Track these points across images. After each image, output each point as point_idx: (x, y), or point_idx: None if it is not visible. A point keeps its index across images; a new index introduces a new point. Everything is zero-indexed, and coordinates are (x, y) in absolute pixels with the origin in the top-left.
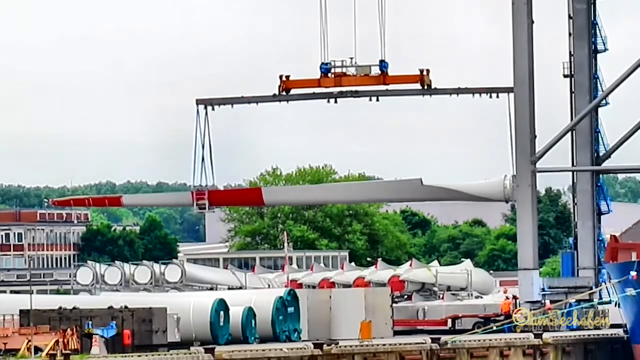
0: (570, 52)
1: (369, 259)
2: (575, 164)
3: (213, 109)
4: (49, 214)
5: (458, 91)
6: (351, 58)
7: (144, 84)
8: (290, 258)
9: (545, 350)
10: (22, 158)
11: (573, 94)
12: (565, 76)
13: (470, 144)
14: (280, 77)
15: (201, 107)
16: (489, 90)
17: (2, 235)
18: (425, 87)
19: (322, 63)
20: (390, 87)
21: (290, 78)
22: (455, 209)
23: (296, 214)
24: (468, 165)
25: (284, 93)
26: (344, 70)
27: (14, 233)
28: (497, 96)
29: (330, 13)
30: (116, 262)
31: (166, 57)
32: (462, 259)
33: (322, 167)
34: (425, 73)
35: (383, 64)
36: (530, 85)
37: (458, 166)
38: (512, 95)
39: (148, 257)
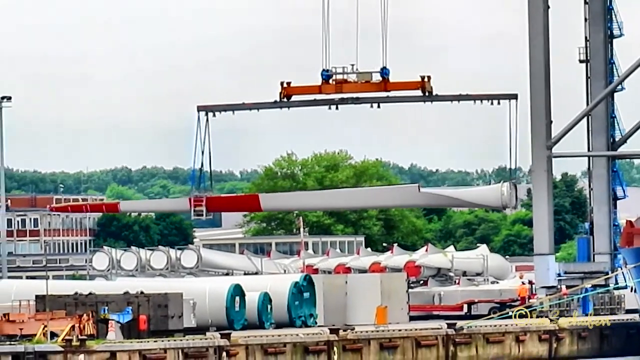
0: (585, 38)
1: (384, 244)
2: (590, 149)
3: (214, 115)
4: (64, 199)
5: (459, 98)
6: (352, 65)
7: (159, 71)
8: (306, 243)
9: (561, 335)
10: (38, 144)
11: (589, 79)
12: (581, 61)
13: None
14: (282, 83)
15: (202, 113)
16: (491, 97)
17: (18, 221)
18: (427, 93)
19: (323, 69)
20: (392, 93)
21: (291, 84)
22: None
23: None
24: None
25: (284, 99)
26: (345, 76)
27: (30, 219)
28: (499, 103)
29: (331, 19)
30: (132, 247)
31: (174, 46)
32: (478, 244)
33: (338, 153)
34: (426, 79)
35: (384, 71)
36: (546, 71)
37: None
38: (513, 102)
39: (164, 242)
